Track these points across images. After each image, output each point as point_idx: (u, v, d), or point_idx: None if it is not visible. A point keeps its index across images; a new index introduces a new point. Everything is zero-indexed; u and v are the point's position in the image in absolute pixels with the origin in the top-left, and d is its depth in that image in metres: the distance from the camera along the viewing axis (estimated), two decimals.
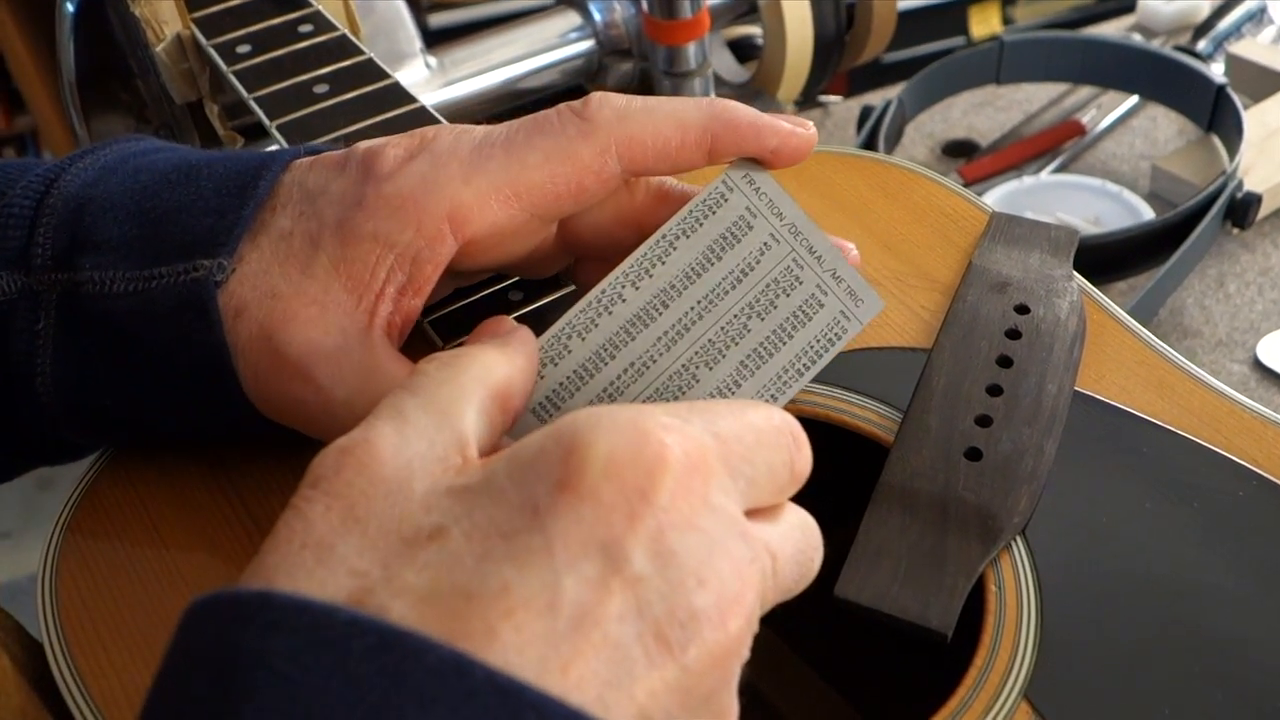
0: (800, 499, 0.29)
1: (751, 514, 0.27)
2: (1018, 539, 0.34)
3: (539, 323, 0.33)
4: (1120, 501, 0.35)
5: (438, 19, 1.38)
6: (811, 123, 0.34)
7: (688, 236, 0.33)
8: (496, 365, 0.28)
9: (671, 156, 0.33)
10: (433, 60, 0.75)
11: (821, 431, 0.38)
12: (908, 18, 1.06)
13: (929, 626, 0.32)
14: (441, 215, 0.33)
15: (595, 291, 0.33)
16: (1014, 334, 0.39)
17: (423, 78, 0.74)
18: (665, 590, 0.23)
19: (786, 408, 0.38)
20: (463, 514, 0.24)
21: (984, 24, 1.22)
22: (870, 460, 0.36)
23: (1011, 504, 0.34)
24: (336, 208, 0.34)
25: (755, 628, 0.26)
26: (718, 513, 0.25)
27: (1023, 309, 0.40)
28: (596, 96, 0.33)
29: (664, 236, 0.33)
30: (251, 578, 0.24)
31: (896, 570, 0.33)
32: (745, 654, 0.25)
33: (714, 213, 0.33)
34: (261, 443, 0.37)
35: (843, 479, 0.37)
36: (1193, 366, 0.39)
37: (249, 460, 0.37)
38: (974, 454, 0.35)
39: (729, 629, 0.24)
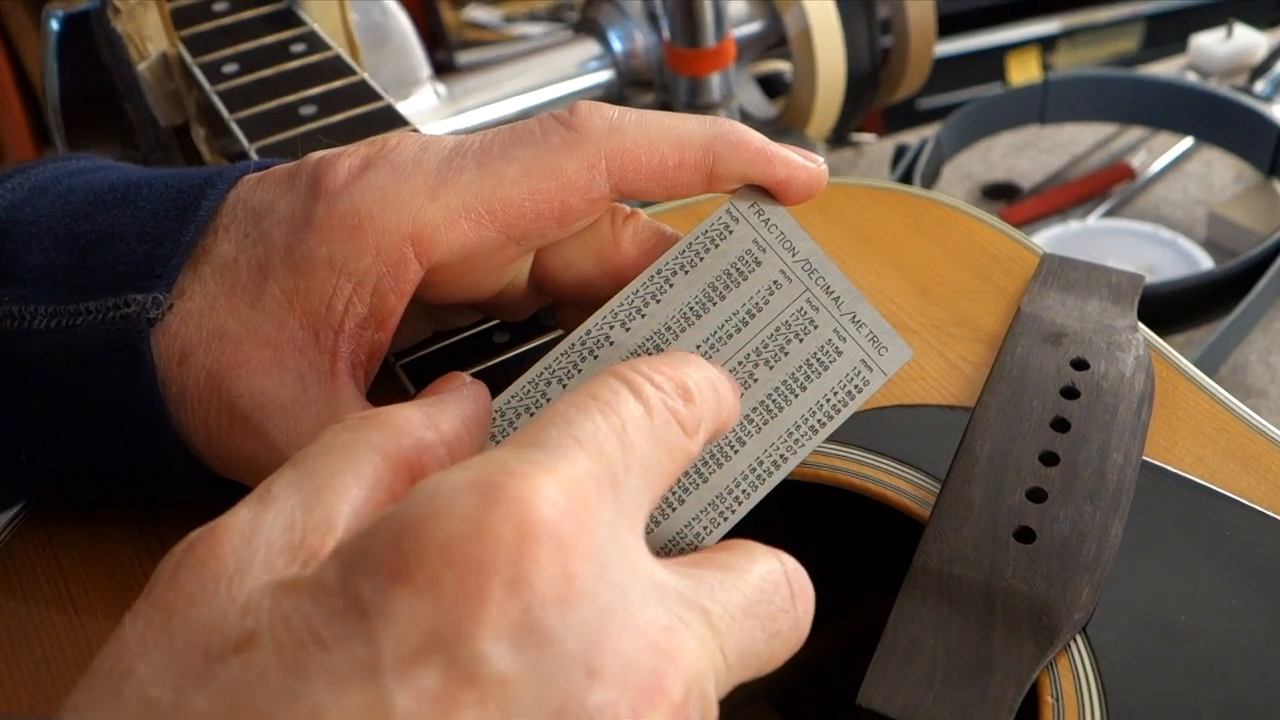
0: (813, 583, 0.24)
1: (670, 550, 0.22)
2: (1078, 638, 0.29)
3: (526, 368, 0.29)
4: (1200, 595, 0.30)
5: (467, 56, 1.36)
6: (822, 159, 0.30)
7: (687, 272, 0.29)
8: (410, 429, 0.23)
9: (668, 176, 0.29)
10: (441, 88, 0.72)
11: (844, 502, 0.33)
12: (945, 64, 1.03)
13: None
14: (404, 236, 0.28)
15: (579, 332, 0.28)
16: (1071, 393, 0.34)
17: (431, 106, 0.71)
18: (542, 691, 0.18)
19: (800, 473, 0.34)
20: (279, 618, 0.19)
21: (1023, 71, 1.19)
22: (901, 539, 0.32)
23: (1071, 596, 0.29)
24: (284, 228, 0.29)
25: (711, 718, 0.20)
26: (610, 567, 0.19)
27: (1081, 364, 0.35)
28: (585, 104, 0.29)
29: (659, 271, 0.29)
30: (59, 713, 0.19)
31: (932, 675, 0.28)
32: None
33: (717, 245, 0.29)
34: (196, 505, 0.32)
35: (868, 561, 0.32)
36: None
37: (179, 523, 0.32)
38: (1025, 535, 0.30)
39: None
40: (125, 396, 0.29)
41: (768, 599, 0.22)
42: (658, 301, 0.28)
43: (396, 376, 0.35)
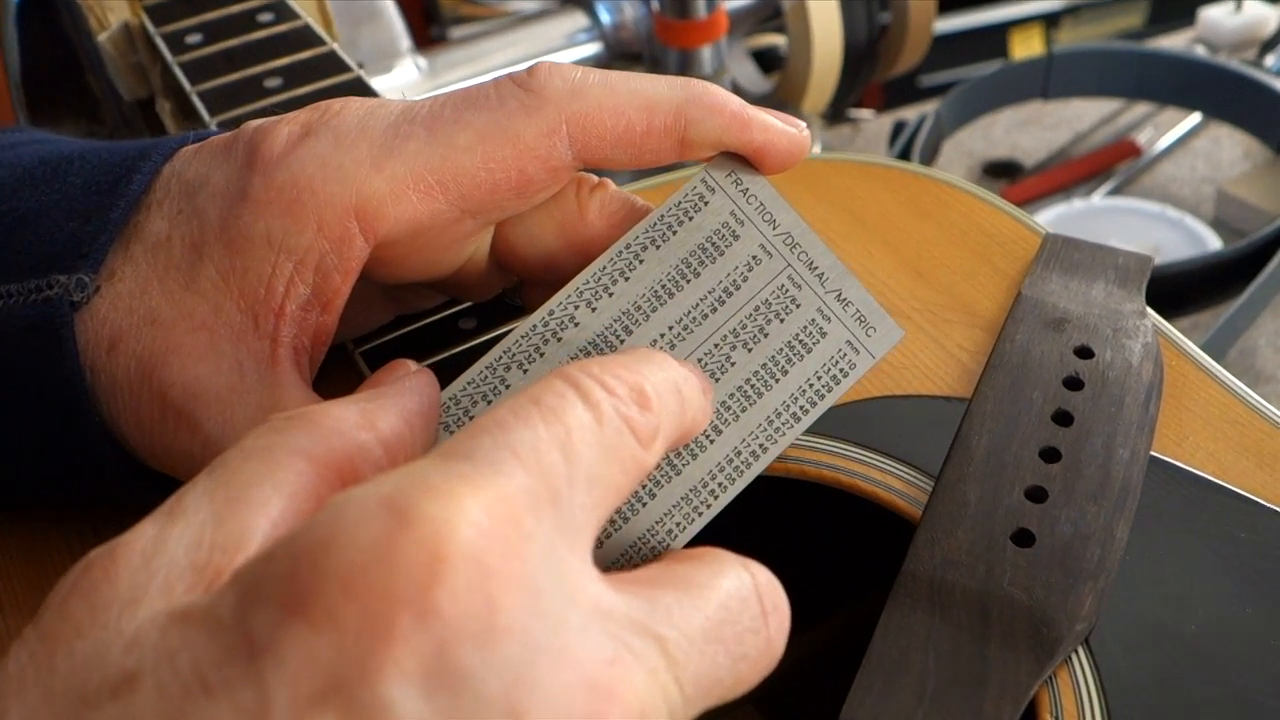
0: (791, 590, 0.22)
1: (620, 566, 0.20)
2: (1080, 651, 0.27)
3: None
4: (1211, 602, 0.28)
5: (461, 31, 1.34)
6: (805, 123, 0.27)
7: (658, 246, 0.26)
8: (342, 429, 0.21)
9: (635, 143, 0.27)
10: (423, 61, 0.69)
11: (828, 500, 0.31)
12: (946, 40, 1.01)
13: None
14: (347, 209, 0.26)
15: (541, 312, 0.26)
16: (1074, 383, 0.32)
17: (411, 79, 0.68)
18: None
19: (780, 467, 0.31)
20: (165, 656, 0.17)
21: (1026, 48, 1.17)
22: (890, 541, 0.29)
23: (1072, 605, 0.27)
24: (219, 203, 0.27)
25: None
26: (545, 595, 0.17)
27: (1085, 352, 0.32)
28: (545, 65, 0.27)
29: (628, 247, 0.27)
30: None
31: (922, 691, 0.26)
32: None
33: (690, 218, 0.27)
34: (138, 505, 0.30)
35: (854, 565, 0.30)
36: None
37: (120, 523, 0.30)
38: (1024, 538, 0.28)
39: None
40: (48, 386, 0.27)
41: (734, 619, 0.20)
42: (626, 279, 0.26)
43: (356, 365, 0.32)
